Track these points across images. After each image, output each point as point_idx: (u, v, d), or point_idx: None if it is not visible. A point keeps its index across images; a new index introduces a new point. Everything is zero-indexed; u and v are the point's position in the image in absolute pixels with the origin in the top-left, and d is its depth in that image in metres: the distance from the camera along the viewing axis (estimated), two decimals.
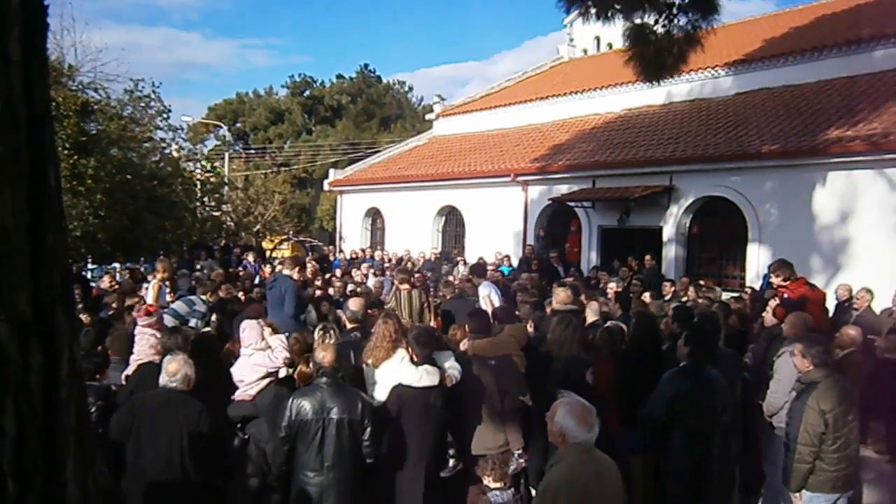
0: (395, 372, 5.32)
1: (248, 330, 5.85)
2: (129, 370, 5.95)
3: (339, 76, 52.19)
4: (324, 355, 4.90)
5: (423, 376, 5.22)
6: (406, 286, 9.31)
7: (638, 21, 10.00)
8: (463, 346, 6.14)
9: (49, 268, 1.15)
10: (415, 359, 5.34)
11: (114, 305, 9.05)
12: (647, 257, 14.45)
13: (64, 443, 1.20)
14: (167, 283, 9.66)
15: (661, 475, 6.00)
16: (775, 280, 7.86)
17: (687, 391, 5.30)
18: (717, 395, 5.45)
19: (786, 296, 7.49)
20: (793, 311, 7.08)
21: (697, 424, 5.30)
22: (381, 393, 5.37)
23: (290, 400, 4.76)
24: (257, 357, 5.61)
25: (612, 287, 10.14)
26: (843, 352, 6.55)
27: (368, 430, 4.79)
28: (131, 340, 6.28)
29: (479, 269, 10.86)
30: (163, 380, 4.72)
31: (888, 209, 11.93)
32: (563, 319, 6.44)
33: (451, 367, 5.53)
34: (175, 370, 4.69)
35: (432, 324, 8.85)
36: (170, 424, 4.57)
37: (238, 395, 5.58)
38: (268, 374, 5.68)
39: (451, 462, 5.47)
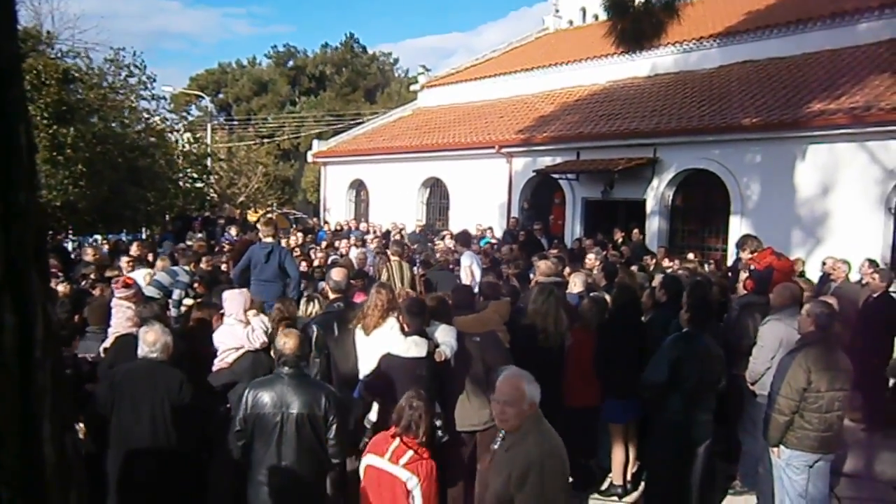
0: (384, 340, 5.34)
1: (230, 300, 5.83)
2: (107, 343, 5.93)
3: (324, 46, 51.62)
4: (285, 342, 4.45)
5: (411, 347, 5.21)
6: (397, 258, 9.35)
7: None
8: None
9: (21, 226, 1.14)
10: (405, 329, 5.35)
11: (91, 276, 9.00)
12: (635, 231, 14.51)
13: (39, 403, 1.19)
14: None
15: (649, 440, 6.09)
16: (744, 255, 7.94)
17: (688, 356, 5.40)
18: (715, 362, 5.55)
19: (752, 267, 7.58)
20: (760, 281, 7.19)
21: (695, 389, 5.40)
22: (369, 361, 5.38)
23: (247, 391, 4.37)
24: (237, 330, 5.59)
25: (591, 259, 10.17)
26: None
27: (334, 427, 4.37)
28: (109, 311, 6.26)
29: (463, 238, 10.89)
30: (142, 350, 4.70)
31: (869, 182, 12.02)
32: (543, 290, 6.47)
33: (445, 342, 5.46)
34: (154, 339, 4.67)
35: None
36: (151, 395, 4.56)
37: (216, 365, 5.58)
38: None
39: (438, 433, 5.49)
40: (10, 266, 1.12)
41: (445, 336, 5.52)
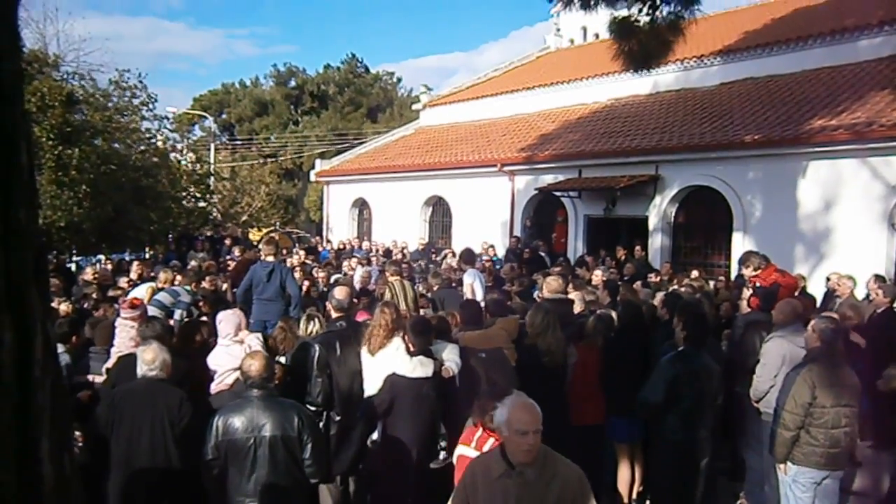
0: (390, 360, 5.32)
1: (225, 322, 5.85)
2: (110, 363, 5.92)
3: (327, 66, 51.87)
4: (251, 363, 4.36)
5: (417, 367, 5.19)
6: (397, 278, 9.32)
7: (622, 13, 10.04)
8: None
9: (21, 245, 1.14)
10: (411, 348, 5.33)
11: (94, 296, 8.99)
12: (637, 248, 14.49)
13: (38, 421, 1.19)
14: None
15: (651, 459, 6.04)
16: (746, 272, 7.91)
17: (685, 375, 5.36)
18: (713, 380, 5.52)
19: (758, 284, 7.54)
20: (766, 299, 7.14)
21: (693, 408, 5.36)
22: (375, 381, 5.36)
23: (216, 418, 4.27)
24: (234, 350, 5.58)
25: (598, 275, 10.18)
26: None
27: (309, 446, 4.31)
28: (114, 331, 6.26)
29: (467, 256, 10.88)
30: (141, 369, 4.70)
31: (871, 198, 12.00)
32: (538, 309, 6.41)
33: (450, 359, 5.47)
34: (152, 358, 4.67)
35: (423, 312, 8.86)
36: (151, 414, 4.56)
37: (215, 387, 5.55)
38: None
39: (442, 454, 5.44)
40: (9, 284, 1.12)
41: (450, 354, 5.53)
